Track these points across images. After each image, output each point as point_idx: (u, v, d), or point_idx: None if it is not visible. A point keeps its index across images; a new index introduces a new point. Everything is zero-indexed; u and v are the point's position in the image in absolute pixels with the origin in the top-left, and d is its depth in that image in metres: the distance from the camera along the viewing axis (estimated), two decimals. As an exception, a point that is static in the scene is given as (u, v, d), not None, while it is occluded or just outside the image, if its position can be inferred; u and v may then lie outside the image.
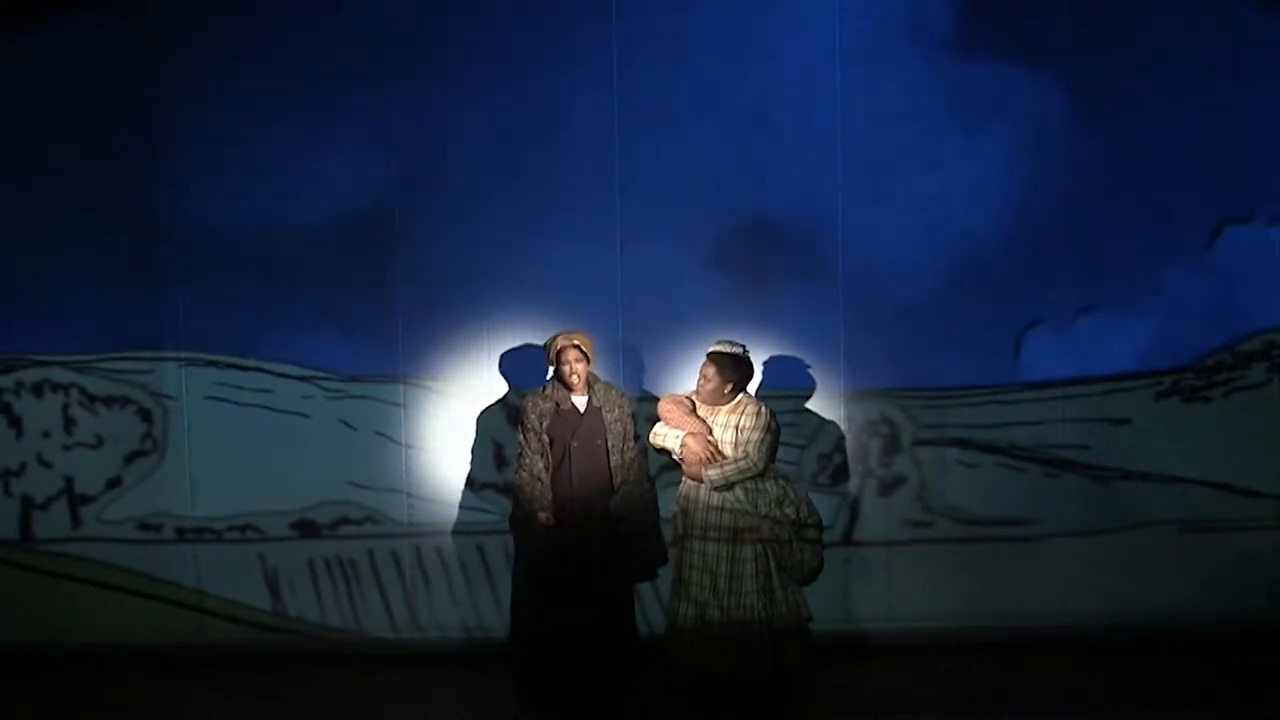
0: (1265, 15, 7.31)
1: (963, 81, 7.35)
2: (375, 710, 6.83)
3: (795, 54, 7.35)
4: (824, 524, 6.63)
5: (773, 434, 6.51)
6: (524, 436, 6.74)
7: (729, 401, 6.56)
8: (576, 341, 6.72)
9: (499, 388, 7.46)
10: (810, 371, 7.42)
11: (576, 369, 6.70)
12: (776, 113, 7.35)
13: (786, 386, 7.39)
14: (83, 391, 7.51)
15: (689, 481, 6.55)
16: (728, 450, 6.48)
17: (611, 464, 6.69)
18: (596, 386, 6.77)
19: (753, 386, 6.79)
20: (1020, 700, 6.73)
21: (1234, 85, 7.33)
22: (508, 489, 7.25)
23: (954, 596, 7.46)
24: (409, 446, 7.47)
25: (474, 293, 7.39)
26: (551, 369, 6.81)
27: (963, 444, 7.46)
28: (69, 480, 7.54)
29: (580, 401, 6.73)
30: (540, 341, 7.29)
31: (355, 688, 7.09)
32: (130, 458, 7.52)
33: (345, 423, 7.46)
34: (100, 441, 7.53)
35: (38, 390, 7.53)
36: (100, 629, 7.49)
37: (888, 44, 7.34)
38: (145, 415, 7.51)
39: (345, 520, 7.50)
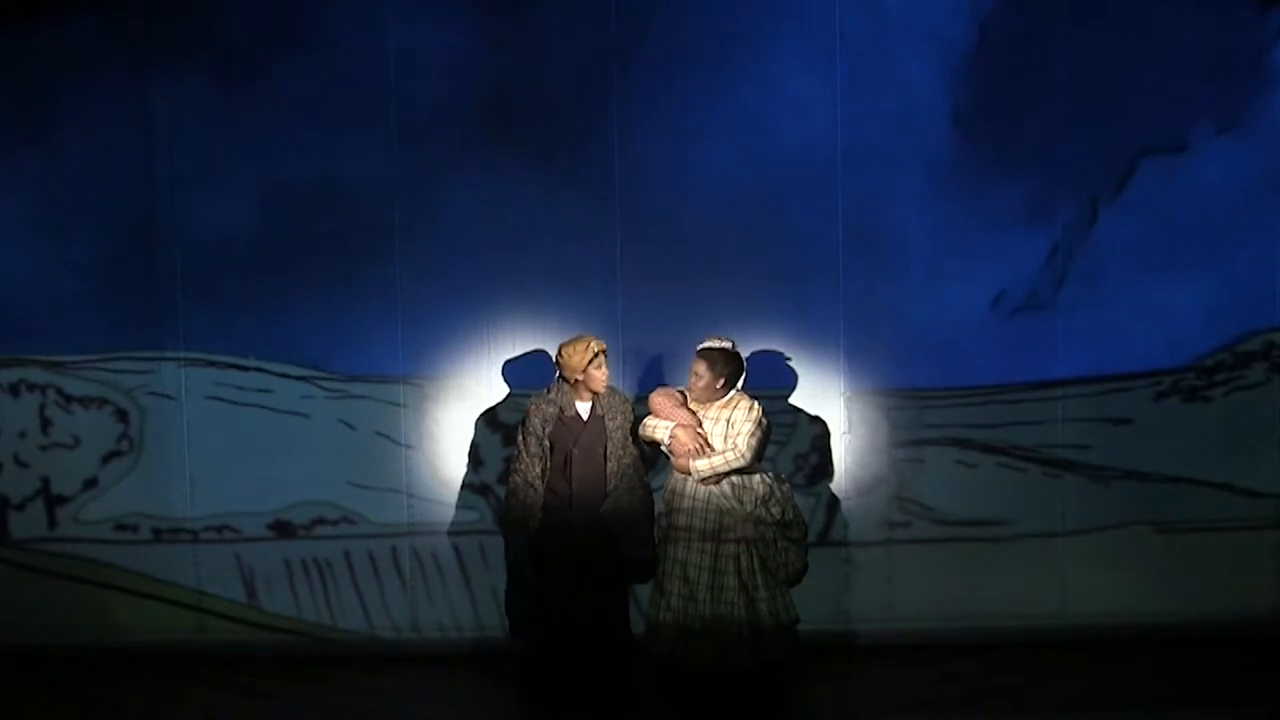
0: None
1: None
2: (374, 710, 6.81)
3: (795, 52, 7.34)
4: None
5: (763, 429, 6.51)
6: (523, 439, 6.69)
7: (721, 397, 6.56)
8: (604, 347, 6.70)
9: (499, 388, 7.45)
10: (810, 372, 7.42)
11: (606, 372, 6.69)
12: (777, 112, 7.35)
13: (784, 386, 7.41)
14: (60, 392, 7.47)
15: (677, 476, 6.55)
16: (717, 444, 6.47)
17: (608, 470, 6.66)
18: (601, 393, 6.74)
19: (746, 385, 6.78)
20: (1018, 701, 6.73)
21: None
22: (491, 491, 7.34)
23: (953, 596, 7.47)
24: (409, 446, 7.45)
25: (474, 293, 7.38)
26: (559, 372, 6.73)
27: (962, 444, 7.46)
28: (45, 480, 7.51)
29: (584, 408, 6.70)
30: (539, 342, 7.32)
31: (354, 688, 7.08)
32: (107, 458, 7.49)
33: (345, 423, 7.45)
34: (77, 442, 7.49)
35: (14, 390, 7.49)
36: (88, 628, 7.48)
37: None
38: (122, 416, 7.47)
39: (341, 520, 7.48)
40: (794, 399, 7.43)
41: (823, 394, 7.44)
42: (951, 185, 7.37)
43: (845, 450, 7.48)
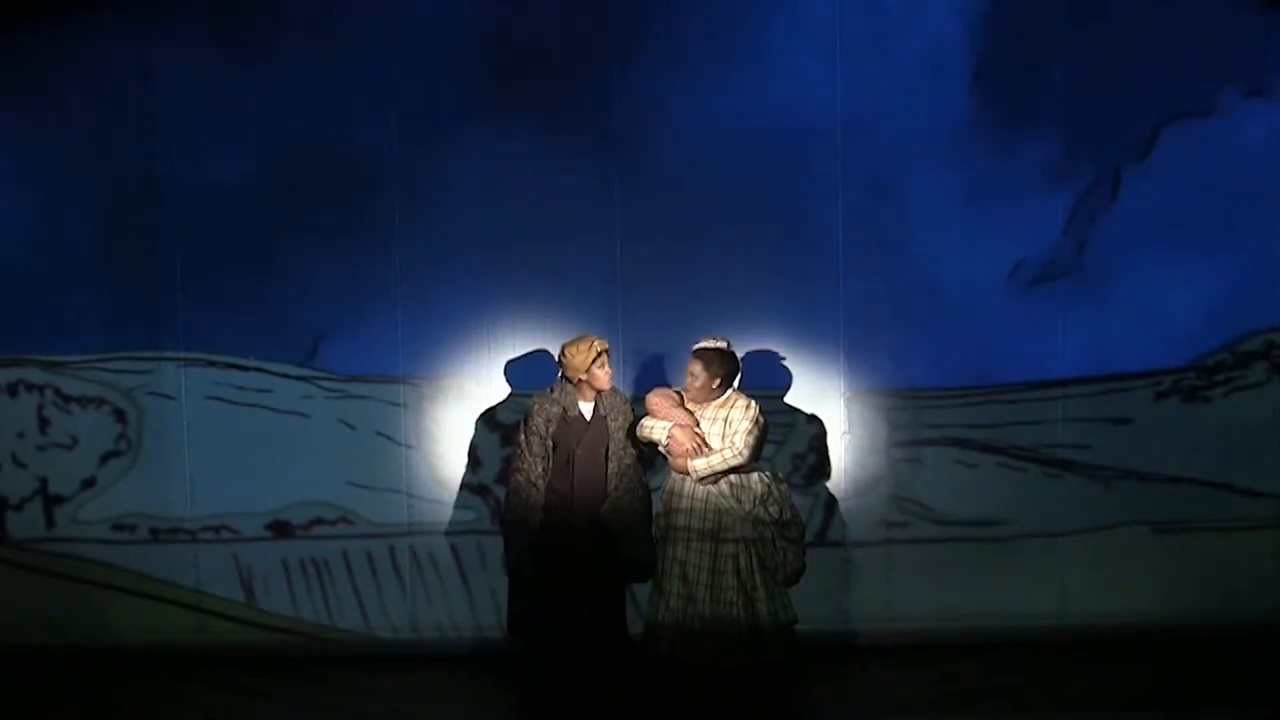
0: None
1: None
2: (373, 710, 6.80)
3: (796, 51, 7.34)
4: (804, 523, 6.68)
5: (760, 428, 6.52)
6: (526, 439, 6.68)
7: (718, 396, 6.57)
8: (607, 346, 6.71)
9: (499, 388, 7.45)
10: (810, 372, 7.41)
11: (610, 371, 6.70)
12: (778, 110, 7.34)
13: (784, 386, 7.41)
14: (58, 392, 7.47)
15: (675, 476, 6.55)
16: (715, 443, 6.47)
17: (609, 470, 6.66)
18: (603, 393, 6.74)
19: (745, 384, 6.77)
20: (1018, 701, 6.73)
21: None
22: (489, 491, 7.35)
23: (953, 596, 7.47)
24: (409, 447, 7.45)
25: (474, 293, 7.38)
26: (561, 372, 6.73)
27: (962, 444, 7.46)
28: (43, 481, 7.51)
29: (587, 409, 6.70)
30: (540, 342, 7.33)
31: (353, 688, 7.07)
32: (105, 458, 7.49)
33: (345, 423, 7.45)
34: (75, 442, 7.49)
35: (12, 390, 7.49)
36: (87, 629, 7.49)
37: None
38: (120, 416, 7.47)
39: (339, 520, 7.48)
40: (793, 399, 7.43)
41: (822, 394, 7.44)
42: (953, 183, 7.37)
43: (845, 450, 7.47)
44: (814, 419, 7.44)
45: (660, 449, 6.61)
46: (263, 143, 7.36)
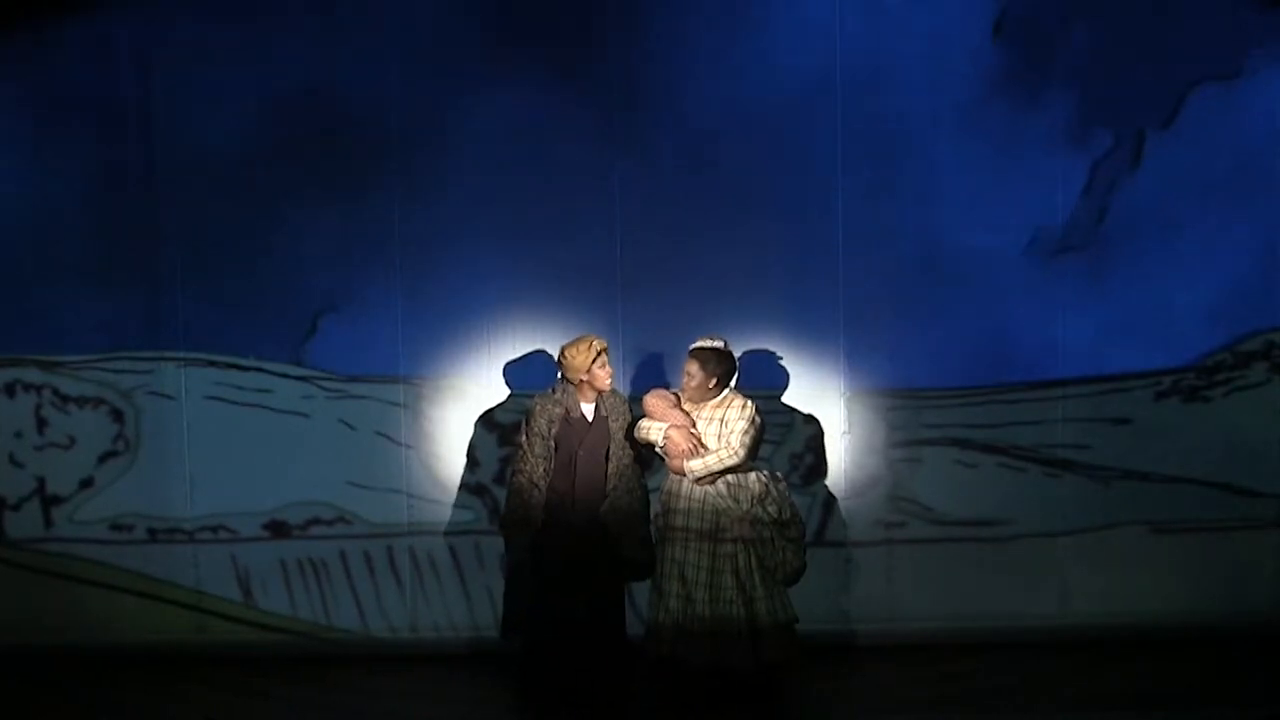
0: None
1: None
2: (371, 710, 6.79)
3: (794, 51, 7.34)
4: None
5: (756, 428, 6.51)
6: (528, 440, 6.68)
7: (715, 396, 6.57)
8: (606, 345, 6.70)
9: (498, 388, 7.45)
10: (810, 372, 7.41)
11: (610, 370, 6.70)
12: (777, 109, 7.33)
13: (783, 386, 7.41)
14: (55, 392, 7.47)
15: (673, 477, 6.55)
16: (711, 443, 6.47)
17: (609, 471, 6.66)
18: (604, 394, 6.73)
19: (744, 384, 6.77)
20: (1018, 701, 6.73)
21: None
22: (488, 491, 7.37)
23: (952, 596, 7.47)
24: (408, 447, 7.45)
25: (474, 292, 7.38)
26: (561, 373, 6.73)
27: (961, 444, 7.46)
28: (41, 481, 7.51)
29: (589, 410, 6.70)
30: (540, 342, 7.32)
31: (351, 687, 7.08)
32: (103, 458, 7.49)
33: (345, 423, 7.44)
34: (73, 442, 7.49)
35: (10, 390, 7.49)
36: (86, 628, 7.47)
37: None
38: (117, 415, 7.46)
39: (337, 520, 7.48)
40: (793, 399, 7.43)
41: (822, 394, 7.43)
42: (954, 184, 7.37)
43: (845, 450, 7.47)
44: (811, 419, 7.44)
45: (657, 450, 6.61)
46: (263, 142, 7.35)
